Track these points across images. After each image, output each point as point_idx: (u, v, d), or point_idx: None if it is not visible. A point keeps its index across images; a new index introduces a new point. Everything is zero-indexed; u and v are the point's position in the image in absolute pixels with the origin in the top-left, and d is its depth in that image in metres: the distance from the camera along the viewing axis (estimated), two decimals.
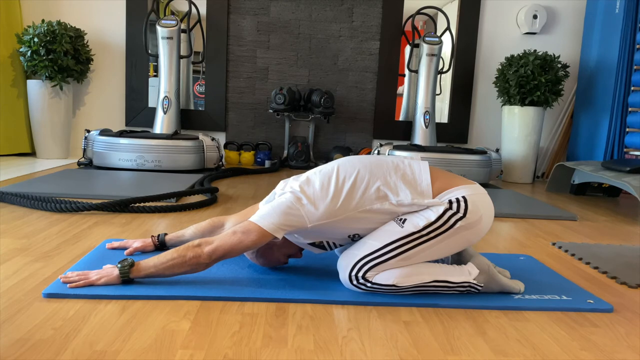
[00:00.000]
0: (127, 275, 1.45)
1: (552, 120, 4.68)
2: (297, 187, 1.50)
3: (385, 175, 1.52)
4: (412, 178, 1.52)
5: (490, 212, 1.54)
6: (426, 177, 1.52)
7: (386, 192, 1.49)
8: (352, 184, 1.49)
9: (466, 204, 1.48)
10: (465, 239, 1.51)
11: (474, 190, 1.53)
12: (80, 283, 1.43)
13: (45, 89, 4.05)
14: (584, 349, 1.26)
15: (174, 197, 2.68)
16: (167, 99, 4.09)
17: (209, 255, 1.43)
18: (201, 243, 1.44)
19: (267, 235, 1.44)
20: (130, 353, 1.12)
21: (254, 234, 1.43)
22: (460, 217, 1.47)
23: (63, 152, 4.23)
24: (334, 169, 1.53)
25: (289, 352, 1.17)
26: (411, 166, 1.55)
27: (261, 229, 1.43)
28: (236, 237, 1.44)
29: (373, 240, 1.49)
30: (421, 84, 4.27)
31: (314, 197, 1.47)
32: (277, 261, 1.65)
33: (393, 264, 1.47)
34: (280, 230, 1.44)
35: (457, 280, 1.51)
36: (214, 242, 1.44)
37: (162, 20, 4.07)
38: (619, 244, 2.35)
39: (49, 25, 3.96)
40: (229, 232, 1.46)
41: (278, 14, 4.49)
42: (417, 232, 1.46)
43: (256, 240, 1.44)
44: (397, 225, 1.49)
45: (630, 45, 3.87)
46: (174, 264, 1.44)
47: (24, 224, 2.13)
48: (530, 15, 4.46)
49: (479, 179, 3.84)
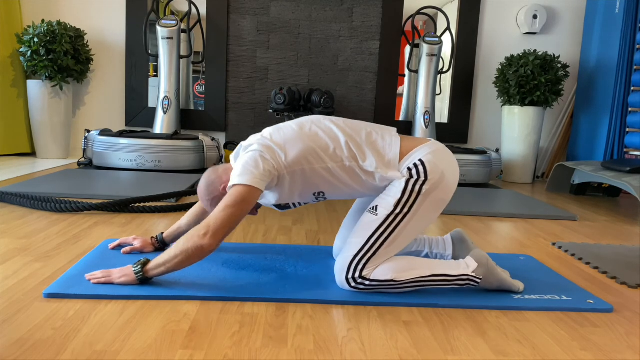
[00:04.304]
0: (142, 275, 1.45)
1: (552, 120, 4.68)
2: (268, 135, 1.52)
3: (356, 137, 1.53)
4: (382, 147, 1.53)
5: (451, 165, 1.54)
6: (395, 149, 1.53)
7: (355, 152, 1.51)
8: (323, 134, 1.52)
9: (424, 166, 1.49)
10: (437, 200, 1.51)
11: (430, 148, 1.53)
12: (101, 280, 1.46)
13: (45, 89, 4.05)
14: (584, 349, 1.26)
15: (174, 197, 2.68)
16: (167, 99, 4.09)
17: (210, 241, 1.39)
18: (199, 232, 1.40)
19: (253, 191, 1.42)
20: (130, 353, 1.12)
21: (241, 196, 1.41)
22: (422, 181, 1.48)
23: (63, 152, 4.23)
24: (307, 120, 1.57)
25: (289, 352, 1.16)
26: (383, 137, 1.56)
27: (245, 187, 1.41)
28: (227, 210, 1.41)
29: (356, 238, 1.50)
30: (421, 84, 4.27)
31: (284, 142, 1.49)
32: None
33: (383, 254, 1.48)
34: (262, 182, 1.43)
35: (456, 273, 1.51)
36: (209, 225, 1.40)
37: (162, 20, 4.07)
38: (619, 244, 2.35)
39: (49, 25, 3.96)
40: (219, 208, 1.42)
41: (278, 14, 4.49)
42: (391, 214, 1.48)
43: (247, 199, 1.42)
44: (372, 215, 1.50)
45: (630, 45, 3.87)
46: (181, 261, 1.42)
47: (24, 224, 2.13)
48: (530, 15, 4.46)
49: (479, 179, 3.85)
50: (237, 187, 1.43)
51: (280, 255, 1.85)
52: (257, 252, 1.87)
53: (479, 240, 2.26)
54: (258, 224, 2.35)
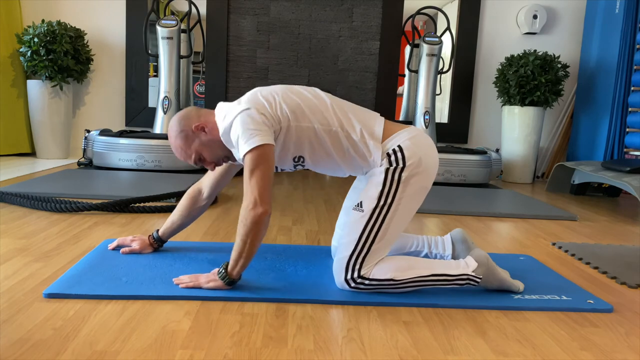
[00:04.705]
0: (228, 278, 1.46)
1: (552, 120, 4.68)
2: (257, 90, 1.53)
3: (343, 105, 1.56)
4: (368, 119, 1.56)
5: (428, 150, 1.55)
6: (380, 125, 1.55)
7: (341, 118, 1.52)
8: (310, 95, 1.54)
9: (402, 152, 1.50)
10: (419, 186, 1.52)
11: (409, 134, 1.54)
12: (189, 284, 1.48)
13: (45, 89, 4.05)
14: (584, 349, 1.26)
15: (174, 197, 2.68)
16: (167, 99, 4.09)
17: (262, 208, 1.39)
18: (248, 207, 1.40)
19: (267, 148, 1.41)
20: (130, 353, 1.12)
21: (260, 158, 1.40)
22: (401, 168, 1.49)
23: (63, 152, 4.23)
24: (297, 86, 1.58)
25: (289, 352, 1.16)
26: (369, 113, 1.59)
27: (256, 149, 1.40)
28: (256, 174, 1.40)
29: (347, 238, 1.51)
30: (421, 84, 4.27)
31: (273, 96, 1.50)
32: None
33: (377, 249, 1.49)
34: (268, 135, 1.43)
35: (456, 273, 1.51)
36: (252, 195, 1.40)
37: (162, 20, 4.06)
38: (619, 244, 2.35)
39: (49, 25, 3.96)
40: (247, 177, 1.41)
41: (278, 14, 4.49)
42: (376, 206, 1.49)
43: (266, 158, 1.41)
44: (358, 212, 1.51)
45: (630, 45, 3.87)
46: (251, 241, 1.42)
47: (24, 224, 2.13)
48: (530, 15, 4.46)
49: (479, 179, 3.84)
50: (250, 154, 1.41)
51: (280, 255, 1.85)
52: (257, 252, 1.86)
53: (479, 240, 2.26)
54: None
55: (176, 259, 1.74)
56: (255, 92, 1.54)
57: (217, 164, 1.60)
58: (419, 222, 2.59)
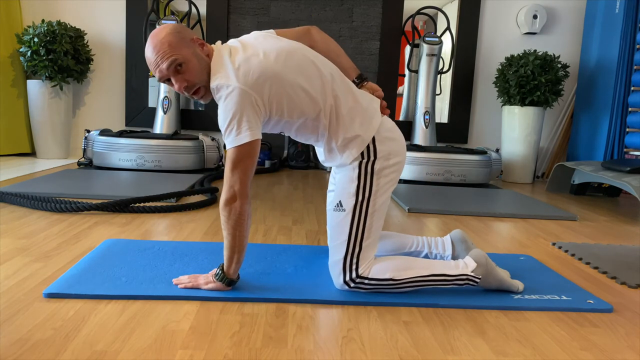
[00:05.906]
0: (226, 279, 1.45)
1: (552, 120, 4.67)
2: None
3: (343, 78, 1.54)
4: (354, 88, 1.56)
5: (392, 133, 1.55)
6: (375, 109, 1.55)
7: (334, 88, 1.48)
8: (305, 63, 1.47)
9: (374, 144, 1.50)
10: (392, 177, 1.53)
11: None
12: (188, 285, 1.48)
13: (45, 89, 4.05)
14: (584, 349, 1.26)
15: (174, 197, 2.68)
16: (167, 99, 4.09)
17: (239, 202, 1.38)
18: (225, 204, 1.39)
19: (256, 143, 1.38)
20: (130, 353, 1.12)
21: (249, 153, 1.37)
22: (373, 161, 1.50)
23: (63, 152, 4.23)
24: (309, 60, 1.51)
25: (289, 352, 1.16)
26: (365, 94, 1.58)
27: (248, 143, 1.36)
28: (239, 168, 1.38)
29: (338, 240, 1.51)
30: (421, 84, 4.27)
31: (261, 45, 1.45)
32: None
33: (368, 245, 1.49)
34: (258, 130, 1.39)
35: (455, 273, 1.52)
36: (233, 190, 1.38)
37: (162, 20, 4.06)
38: (619, 244, 2.35)
39: (49, 25, 3.96)
40: (228, 169, 1.39)
41: (278, 14, 4.49)
42: (356, 203, 1.49)
43: (254, 153, 1.39)
44: (340, 213, 1.51)
45: (630, 45, 3.87)
46: (239, 237, 1.42)
47: (24, 224, 2.13)
48: (530, 15, 4.46)
49: (479, 179, 3.84)
50: (237, 149, 1.37)
51: (280, 255, 1.85)
52: (257, 252, 1.87)
53: (479, 240, 2.26)
54: (258, 224, 2.35)
55: (176, 259, 1.74)
56: (260, 62, 1.40)
57: (187, 89, 1.44)
58: (419, 222, 2.59)
